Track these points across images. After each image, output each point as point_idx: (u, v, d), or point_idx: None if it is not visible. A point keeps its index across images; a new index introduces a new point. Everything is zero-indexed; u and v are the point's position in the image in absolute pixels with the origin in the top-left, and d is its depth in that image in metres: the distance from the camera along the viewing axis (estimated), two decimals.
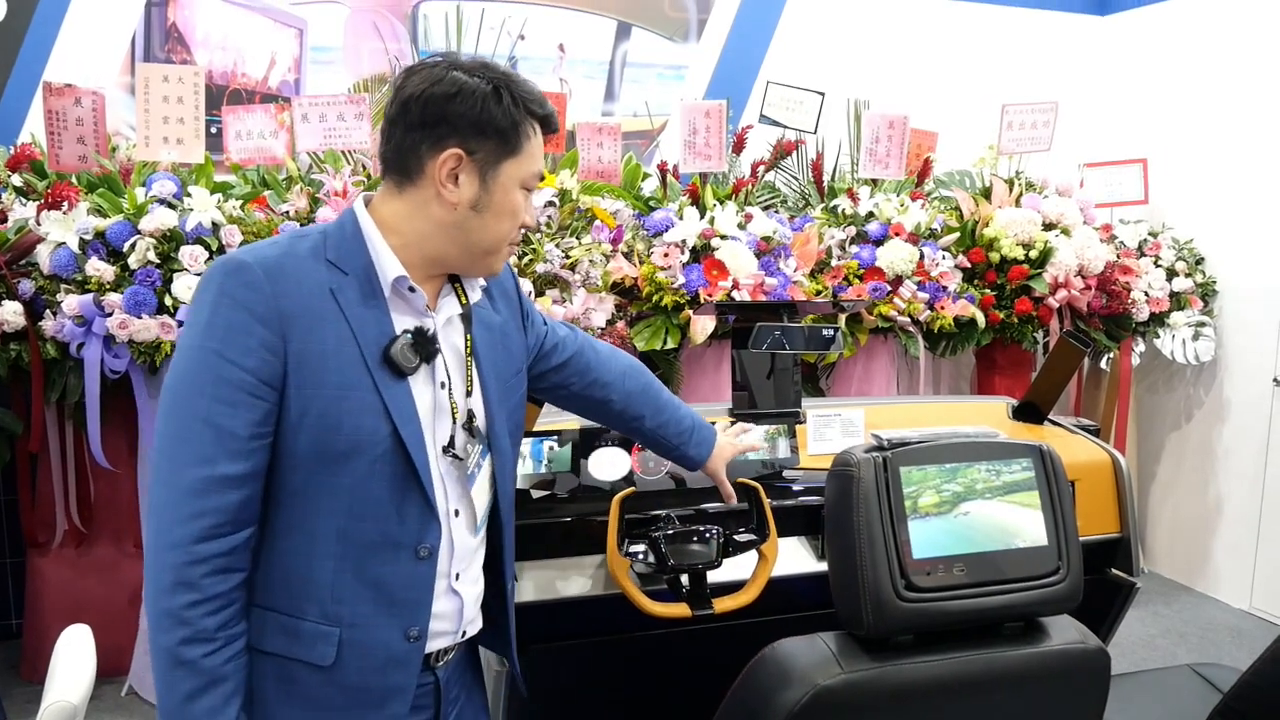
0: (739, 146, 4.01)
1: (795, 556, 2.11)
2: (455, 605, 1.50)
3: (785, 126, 4.13)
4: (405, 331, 1.41)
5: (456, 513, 1.48)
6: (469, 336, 1.51)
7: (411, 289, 1.42)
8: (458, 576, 1.49)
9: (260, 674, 1.38)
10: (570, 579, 1.98)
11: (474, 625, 1.57)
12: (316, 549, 1.37)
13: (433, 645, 1.48)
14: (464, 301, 1.51)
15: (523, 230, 1.50)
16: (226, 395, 1.30)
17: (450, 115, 1.38)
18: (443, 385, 1.46)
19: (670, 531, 1.92)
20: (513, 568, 1.64)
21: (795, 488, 2.18)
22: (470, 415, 1.49)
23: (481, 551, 1.57)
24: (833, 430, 2.33)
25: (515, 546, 1.87)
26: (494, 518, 1.58)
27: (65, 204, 3.04)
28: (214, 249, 3.06)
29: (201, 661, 1.29)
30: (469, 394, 1.49)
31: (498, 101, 1.39)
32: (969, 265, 4.00)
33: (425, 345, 1.41)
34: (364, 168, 3.39)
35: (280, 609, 1.38)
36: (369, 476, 1.37)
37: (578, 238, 3.45)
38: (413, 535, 1.41)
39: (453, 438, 1.45)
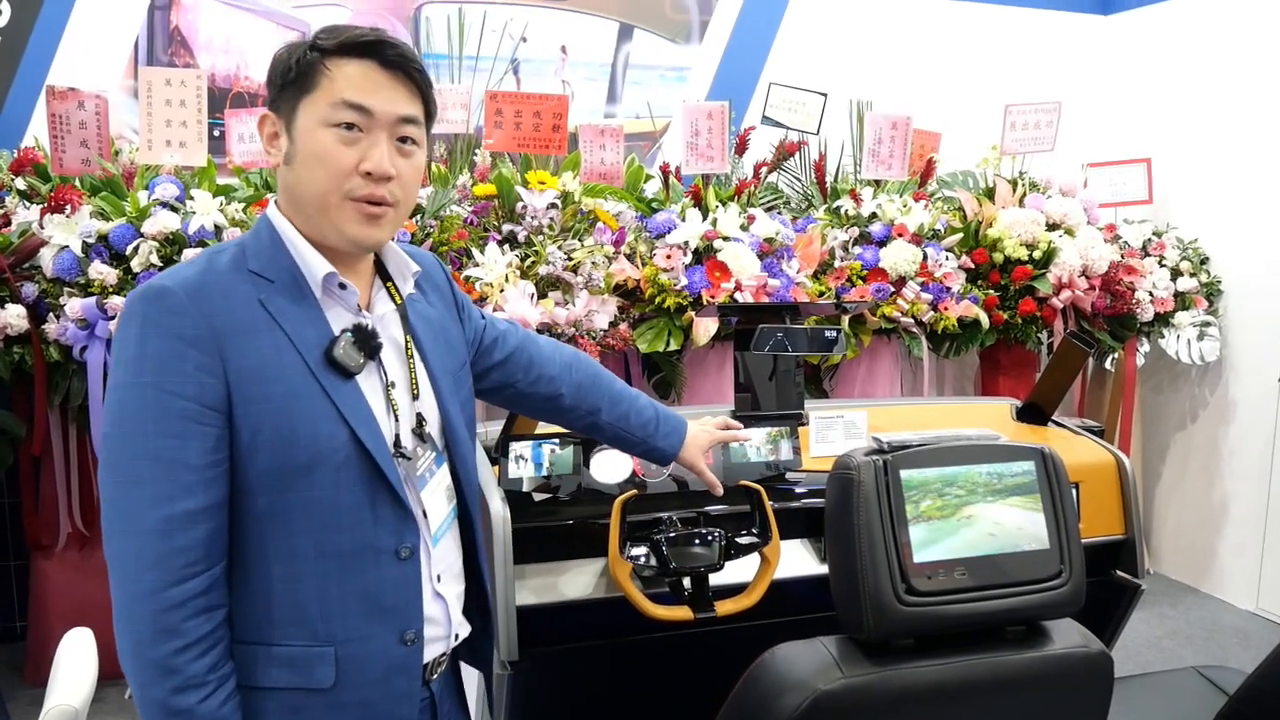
0: (741, 148, 4.01)
1: (798, 559, 2.11)
2: (442, 609, 1.46)
3: (788, 128, 4.12)
4: (344, 330, 1.35)
5: (424, 514, 1.42)
6: (409, 336, 1.46)
7: (342, 285, 1.37)
8: (439, 578, 1.45)
9: (261, 713, 1.32)
10: (572, 582, 1.98)
11: (464, 628, 1.53)
12: (295, 570, 1.31)
13: (429, 653, 1.44)
14: (399, 301, 1.46)
15: (376, 179, 1.33)
16: (172, 428, 1.24)
17: (266, 86, 1.38)
18: (393, 385, 1.40)
19: (672, 534, 1.91)
20: (488, 567, 1.59)
21: (798, 490, 2.18)
22: (420, 419, 1.43)
23: (458, 552, 1.52)
24: (835, 432, 2.33)
25: (515, 550, 1.88)
26: (465, 518, 1.54)
27: (68, 207, 3.05)
28: None
29: (198, 709, 1.24)
30: (416, 397, 1.44)
31: (287, 51, 1.34)
32: (972, 266, 3.99)
33: (368, 341, 1.36)
34: None
35: (268, 640, 1.32)
36: (335, 485, 1.31)
37: (580, 240, 3.44)
38: (391, 538, 1.36)
39: (398, 436, 1.39)
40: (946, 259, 3.92)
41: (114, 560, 1.25)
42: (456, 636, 1.51)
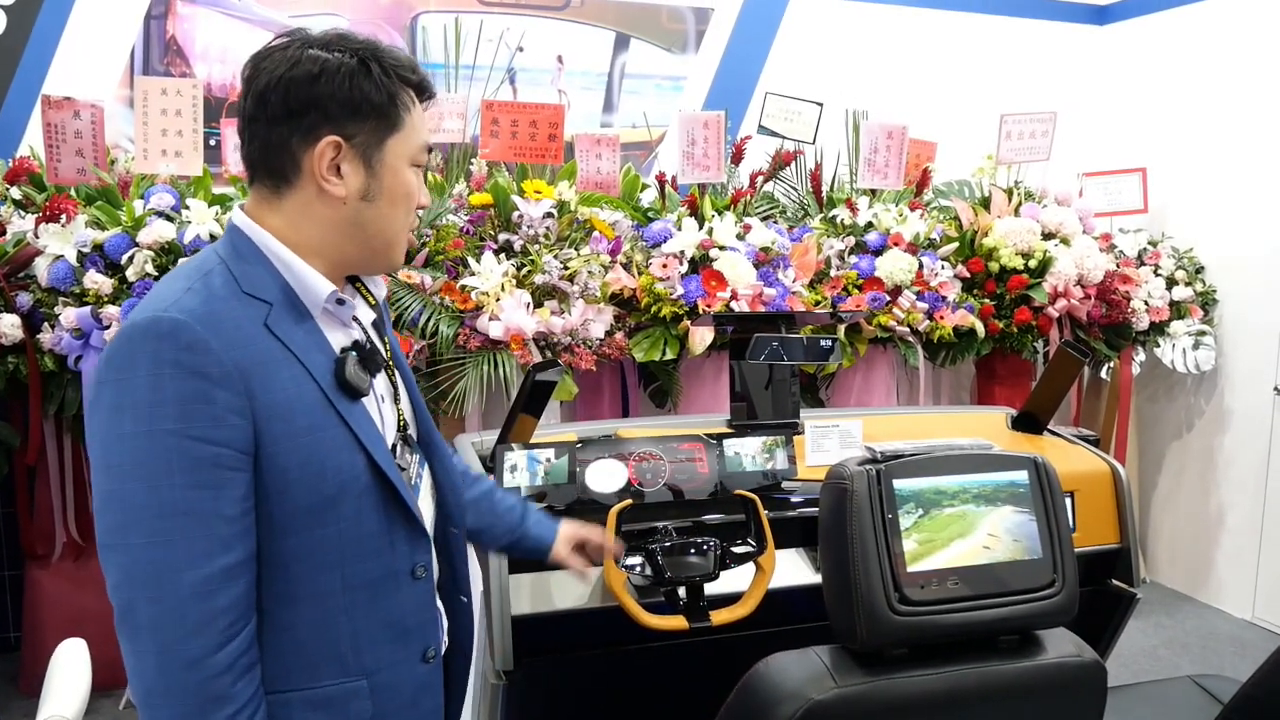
0: (737, 157, 4.01)
1: (793, 568, 2.11)
2: (439, 616, 1.46)
3: (784, 137, 4.13)
4: (344, 349, 1.30)
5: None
6: (386, 339, 1.42)
7: (340, 301, 1.30)
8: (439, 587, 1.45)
9: None
10: (567, 591, 1.97)
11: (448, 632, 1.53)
12: (327, 607, 1.26)
13: None
14: (372, 303, 1.40)
15: (419, 211, 1.37)
16: (205, 478, 1.14)
17: (318, 99, 1.23)
18: (383, 398, 1.37)
19: (667, 544, 1.91)
20: (466, 568, 1.57)
21: (793, 499, 2.18)
22: (405, 423, 1.40)
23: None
24: (831, 441, 2.33)
25: (510, 558, 1.88)
26: (443, 513, 1.50)
27: (63, 217, 3.05)
28: None
29: None
30: (398, 401, 1.40)
31: (367, 75, 1.25)
32: (968, 275, 3.99)
33: (372, 357, 1.32)
34: None
35: (299, 685, 1.25)
36: (359, 514, 1.26)
37: (576, 249, 3.44)
38: (406, 559, 1.33)
39: (394, 447, 1.35)
40: (942, 268, 3.92)
41: (146, 630, 1.14)
42: (446, 641, 1.51)
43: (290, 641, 1.25)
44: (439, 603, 1.47)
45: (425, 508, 1.42)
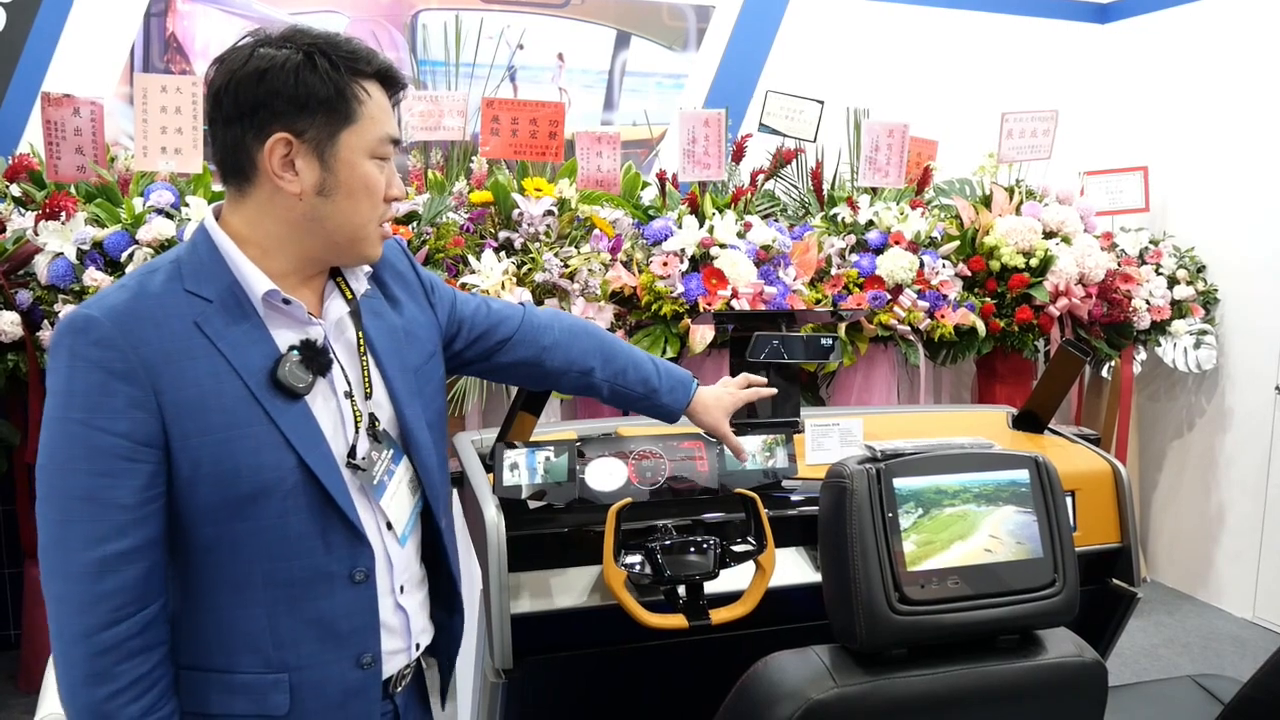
0: (738, 155, 4.01)
1: (793, 567, 2.10)
2: (402, 621, 1.42)
3: (785, 135, 4.12)
4: (291, 348, 1.29)
5: (389, 525, 1.38)
6: (359, 333, 1.38)
7: (286, 301, 1.29)
8: (402, 589, 1.41)
9: None
10: (566, 590, 1.97)
11: (425, 636, 1.49)
12: (244, 599, 1.27)
13: (389, 668, 1.40)
14: (349, 296, 1.38)
15: (394, 204, 1.36)
16: (104, 466, 1.19)
17: (264, 97, 1.24)
18: (347, 394, 1.35)
19: (667, 542, 1.91)
20: (458, 568, 1.54)
21: (793, 498, 2.17)
22: (373, 419, 1.37)
23: (418, 557, 1.48)
24: (831, 440, 2.32)
25: (510, 558, 1.87)
26: (428, 513, 1.47)
27: (63, 214, 3.04)
28: None
29: None
30: (368, 396, 1.37)
31: (313, 69, 1.25)
32: (969, 274, 3.99)
33: (316, 358, 1.30)
34: None
35: (219, 667, 1.29)
36: (284, 514, 1.26)
37: (576, 247, 3.44)
38: (344, 562, 1.31)
39: (353, 447, 1.33)
40: (943, 267, 3.92)
41: (50, 601, 1.22)
42: (418, 646, 1.47)
43: (211, 625, 1.29)
44: (406, 605, 1.43)
45: (397, 503, 1.40)
